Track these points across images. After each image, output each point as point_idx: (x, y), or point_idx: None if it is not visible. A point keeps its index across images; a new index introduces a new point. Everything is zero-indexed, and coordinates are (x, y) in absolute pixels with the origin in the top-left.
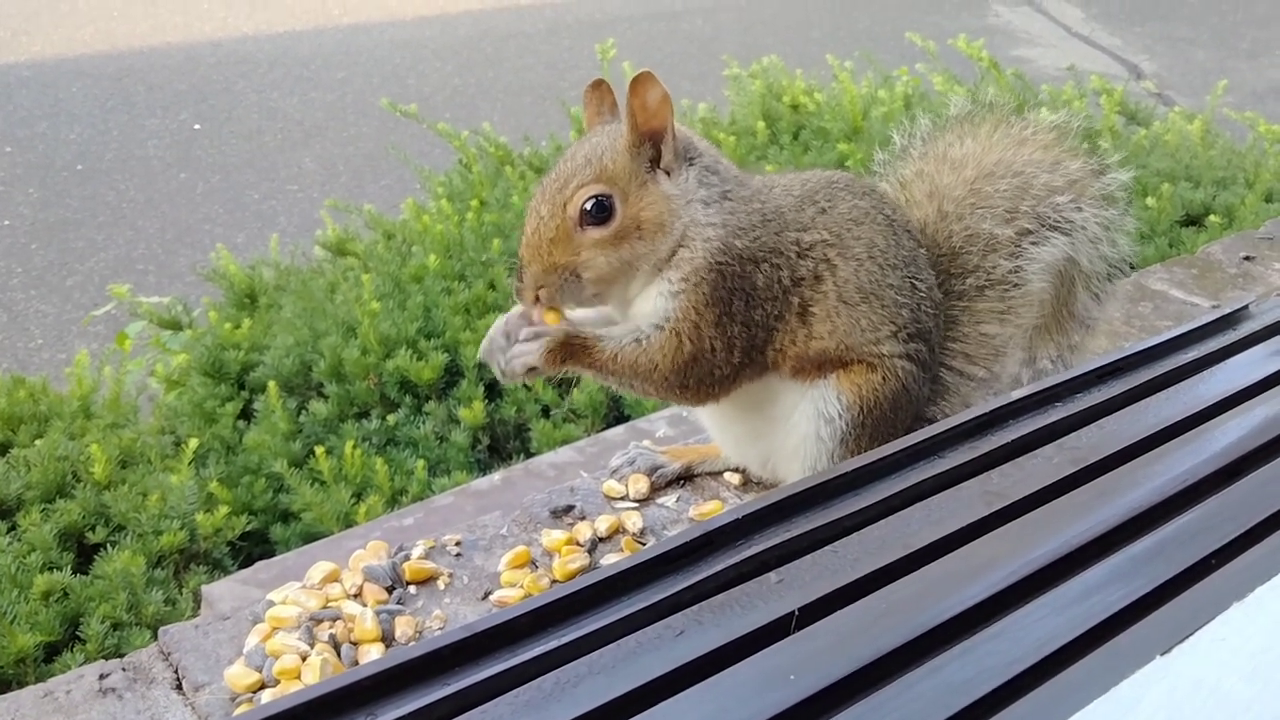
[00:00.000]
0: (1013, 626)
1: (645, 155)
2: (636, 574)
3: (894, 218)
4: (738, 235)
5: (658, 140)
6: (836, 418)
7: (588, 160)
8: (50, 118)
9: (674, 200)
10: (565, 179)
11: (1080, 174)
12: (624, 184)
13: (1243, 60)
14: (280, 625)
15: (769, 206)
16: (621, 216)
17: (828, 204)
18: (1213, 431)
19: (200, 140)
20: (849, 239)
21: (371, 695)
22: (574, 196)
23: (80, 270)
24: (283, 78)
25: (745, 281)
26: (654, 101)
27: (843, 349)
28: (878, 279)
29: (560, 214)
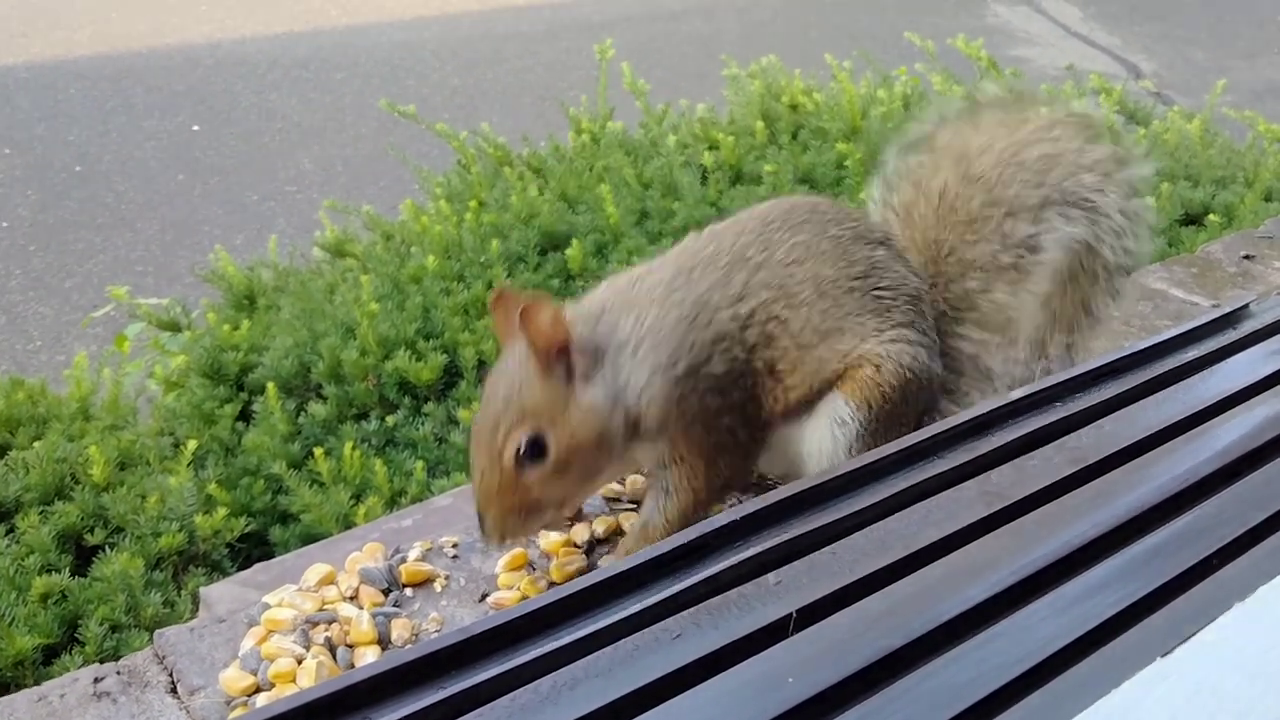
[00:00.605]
0: (1013, 628)
1: (559, 373)
2: (634, 576)
3: (840, 234)
4: (673, 365)
5: (565, 354)
6: (849, 419)
7: (507, 401)
8: (48, 120)
9: (601, 405)
10: (493, 424)
11: (1106, 159)
12: (549, 413)
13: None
14: (276, 628)
15: (688, 305)
16: (557, 445)
17: (763, 255)
18: (1213, 431)
19: (199, 142)
20: (793, 285)
21: (367, 698)
22: (505, 445)
23: (79, 272)
24: (281, 79)
25: (707, 383)
26: (547, 324)
27: (819, 384)
28: (832, 312)
29: (498, 463)
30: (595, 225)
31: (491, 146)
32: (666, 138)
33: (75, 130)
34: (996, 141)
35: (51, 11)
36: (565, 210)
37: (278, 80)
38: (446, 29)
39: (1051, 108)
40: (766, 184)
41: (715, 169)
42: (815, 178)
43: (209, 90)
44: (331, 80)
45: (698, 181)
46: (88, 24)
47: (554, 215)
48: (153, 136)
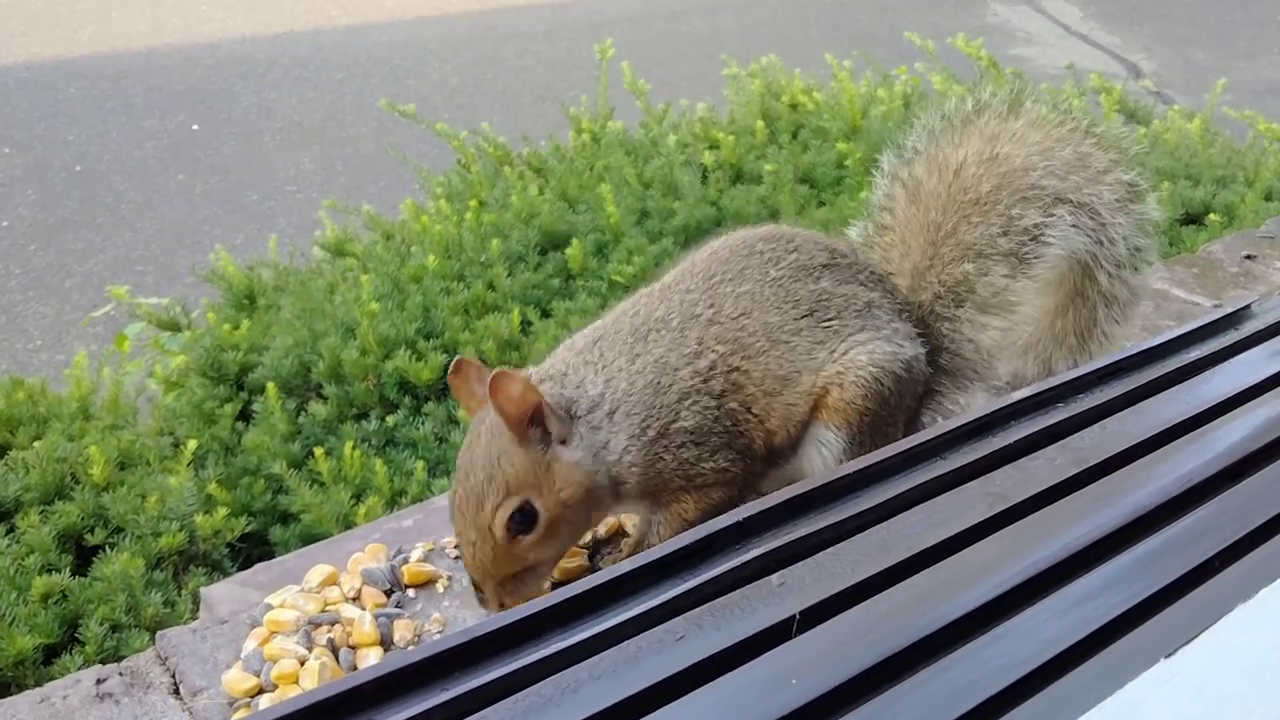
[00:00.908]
0: (1015, 630)
1: (535, 439)
2: (637, 577)
3: (779, 275)
4: (644, 431)
5: (538, 419)
6: (832, 441)
7: (489, 475)
8: (48, 119)
9: (583, 463)
10: (478, 499)
11: (1127, 186)
12: (532, 480)
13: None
14: (279, 629)
15: (649, 369)
16: (545, 511)
17: (711, 312)
18: (1216, 432)
19: (198, 141)
20: (746, 338)
21: (370, 700)
22: (495, 519)
23: (79, 271)
24: (281, 78)
25: (680, 438)
26: (517, 394)
27: (796, 425)
28: (787, 356)
29: (490, 538)
30: (596, 225)
31: (492, 146)
32: (667, 137)
33: (75, 130)
34: (1031, 133)
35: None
36: (565, 210)
37: (278, 80)
38: (447, 29)
39: (1087, 120)
40: (767, 183)
41: (716, 168)
42: (815, 177)
43: (209, 90)
44: (331, 80)
45: (698, 181)
46: (88, 24)
47: (554, 215)
48: (153, 136)
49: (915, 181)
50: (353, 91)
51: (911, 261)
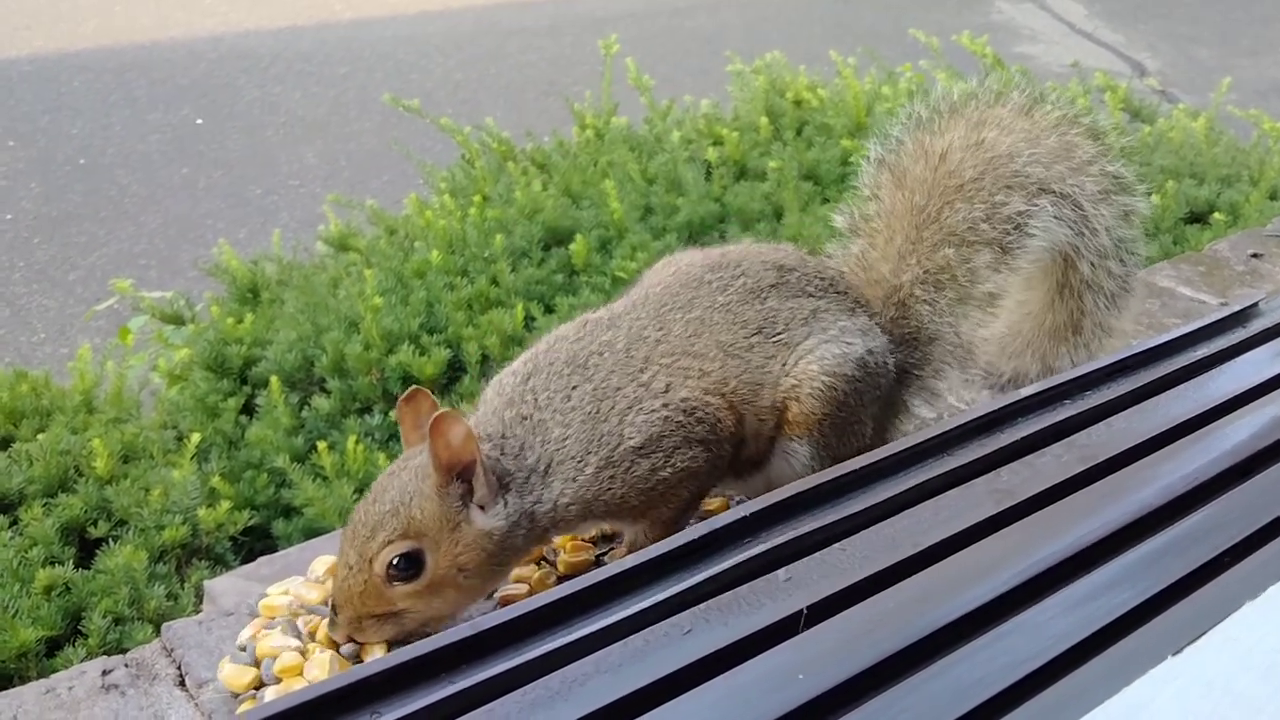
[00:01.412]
0: (1022, 626)
1: (456, 493)
2: (643, 572)
3: (727, 301)
4: (587, 461)
5: (467, 474)
6: (798, 450)
7: (394, 510)
8: (52, 113)
9: (496, 531)
10: (372, 529)
11: (1110, 177)
12: (434, 533)
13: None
14: (273, 614)
15: (589, 396)
16: (434, 567)
17: (660, 334)
18: (1223, 429)
19: (202, 135)
20: (699, 349)
21: (376, 693)
22: (379, 554)
23: (82, 265)
24: (285, 73)
25: (627, 459)
26: (457, 440)
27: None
28: (743, 369)
29: (367, 569)
30: (599, 220)
31: (495, 141)
32: (671, 133)
33: (79, 123)
34: (1018, 121)
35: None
36: (569, 205)
37: (281, 74)
38: (451, 24)
39: (1073, 110)
40: (771, 180)
41: (719, 165)
42: (819, 174)
43: (212, 84)
44: (335, 74)
45: (702, 177)
46: (91, 17)
47: (558, 210)
48: (156, 130)
49: (901, 167)
50: (356, 86)
51: (895, 245)
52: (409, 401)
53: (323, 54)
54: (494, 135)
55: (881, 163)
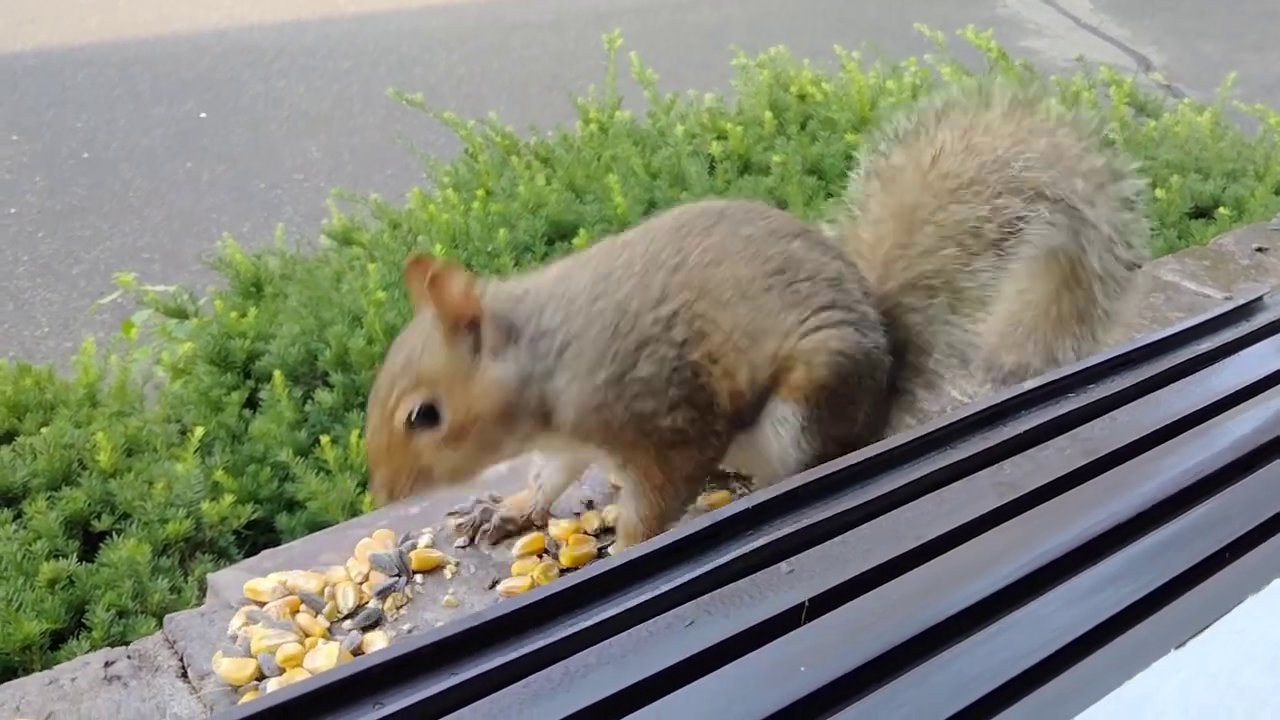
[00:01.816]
0: (1025, 619)
1: (465, 343)
2: (646, 563)
3: (751, 233)
4: (595, 371)
5: (474, 326)
6: (791, 417)
7: (406, 364)
8: (56, 106)
9: (507, 381)
10: (389, 386)
11: (1101, 170)
12: (447, 382)
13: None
14: (256, 598)
15: (609, 311)
16: (453, 415)
17: (677, 259)
18: (1227, 423)
19: (206, 129)
20: (713, 286)
21: (379, 684)
22: (397, 407)
23: (86, 259)
24: (288, 67)
25: (634, 388)
26: (457, 293)
27: (764, 379)
28: (756, 310)
29: (389, 424)
30: (603, 215)
31: (499, 135)
32: (674, 127)
33: (83, 117)
34: (1006, 125)
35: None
36: (573, 200)
37: (285, 68)
38: (454, 18)
39: (1060, 107)
40: (775, 174)
41: (723, 159)
42: (824, 168)
43: (216, 78)
44: (339, 68)
45: (705, 171)
46: (95, 11)
47: (561, 205)
48: (160, 124)
49: (892, 170)
50: (360, 80)
51: (882, 250)
52: (414, 269)
53: (326, 48)
54: (497, 129)
55: (870, 173)
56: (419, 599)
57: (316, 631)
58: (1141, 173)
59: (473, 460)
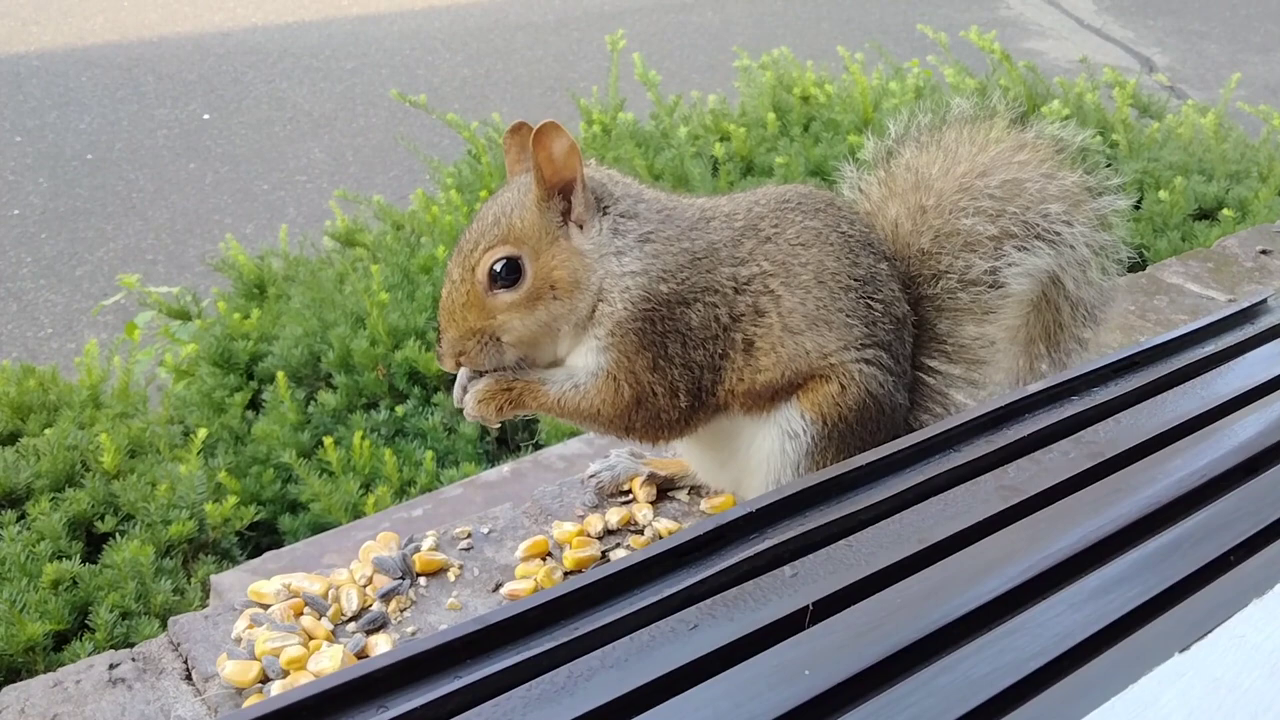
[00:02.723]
0: (1029, 622)
1: (556, 209)
2: (650, 567)
3: (851, 233)
4: (662, 280)
5: (568, 192)
6: (801, 433)
7: (496, 220)
8: (60, 108)
9: (587, 255)
10: (475, 240)
11: (1076, 189)
12: (534, 243)
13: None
14: (259, 600)
15: (700, 244)
16: (533, 277)
17: (774, 230)
18: (1231, 426)
19: (209, 130)
20: (795, 266)
21: (383, 687)
22: (481, 260)
23: (89, 260)
24: (292, 68)
25: (678, 324)
26: (560, 153)
27: (791, 374)
28: (826, 303)
29: (470, 278)
30: None
31: (502, 136)
32: (678, 129)
33: (86, 118)
34: (958, 165)
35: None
36: None
37: (289, 69)
38: (457, 19)
39: (1021, 127)
40: (778, 176)
41: (726, 160)
42: (827, 170)
43: (220, 79)
44: (342, 70)
45: (709, 173)
46: (99, 12)
47: None
48: (164, 125)
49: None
50: (364, 81)
51: None
52: (514, 133)
53: (330, 49)
54: (500, 131)
55: None
56: (422, 601)
57: (320, 634)
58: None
59: (539, 333)
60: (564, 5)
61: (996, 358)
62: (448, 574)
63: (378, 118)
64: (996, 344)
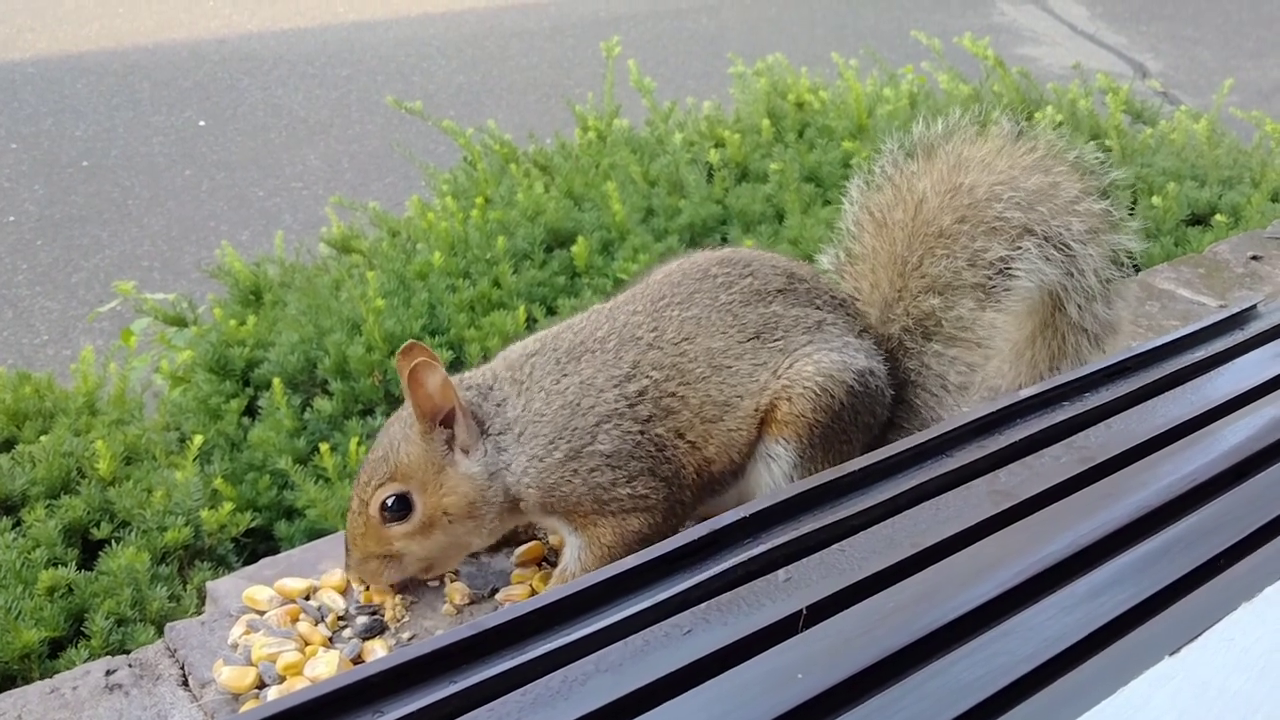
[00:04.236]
0: (1020, 626)
1: (440, 439)
2: (644, 572)
3: (730, 300)
4: (551, 451)
5: (450, 421)
6: (781, 454)
7: (384, 456)
8: (56, 114)
9: (476, 478)
10: (370, 473)
11: (1099, 217)
12: (420, 475)
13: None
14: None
15: (572, 390)
16: (423, 507)
17: (653, 335)
18: (1221, 431)
19: (205, 137)
20: (686, 364)
21: (379, 692)
22: (373, 496)
23: (85, 267)
24: (288, 75)
25: (591, 462)
26: (435, 387)
27: (740, 446)
28: (729, 382)
29: (365, 511)
30: (601, 222)
31: (498, 143)
32: (673, 135)
33: (82, 125)
34: (998, 161)
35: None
36: (571, 207)
37: (284, 76)
38: (453, 26)
39: (1059, 148)
40: (773, 182)
41: (721, 167)
42: (821, 176)
43: (216, 86)
44: (338, 76)
45: (704, 179)
46: (95, 19)
47: (560, 212)
48: (159, 132)
49: (882, 210)
50: (359, 88)
51: (880, 293)
52: (406, 354)
53: (325, 56)
54: (496, 137)
55: (863, 205)
56: (418, 607)
57: (316, 640)
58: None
59: (441, 551)
60: (559, 12)
61: (992, 344)
62: (444, 580)
63: (373, 124)
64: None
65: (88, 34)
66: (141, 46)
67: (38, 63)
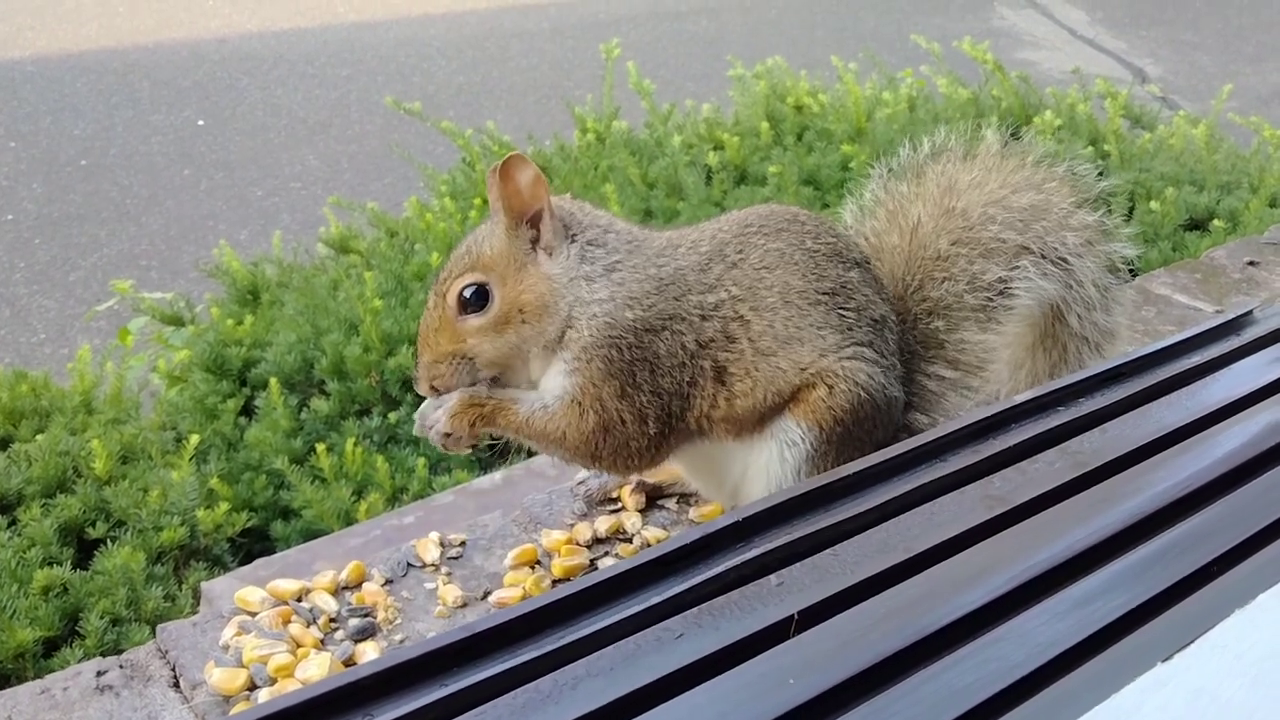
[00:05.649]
0: (1013, 632)
1: (525, 237)
2: (636, 576)
3: (816, 248)
4: (628, 306)
5: (537, 221)
6: (800, 440)
7: (467, 250)
8: (55, 113)
9: (555, 280)
10: (449, 269)
11: (1092, 227)
12: (501, 269)
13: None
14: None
15: (667, 270)
16: (500, 302)
17: (739, 255)
18: (1216, 437)
19: (204, 137)
20: (761, 289)
21: (369, 695)
22: (451, 286)
23: (83, 266)
24: (287, 75)
25: (645, 351)
26: (526, 184)
27: (772, 395)
28: (795, 321)
29: (441, 304)
30: None
31: (496, 144)
32: (671, 137)
33: (81, 124)
34: (988, 181)
35: (58, 5)
36: None
37: (283, 76)
38: (452, 26)
39: (1049, 160)
40: (771, 185)
41: (720, 169)
42: (820, 179)
43: (215, 85)
44: (337, 76)
45: (702, 181)
46: (94, 18)
47: None
48: (158, 131)
49: (877, 235)
50: (358, 88)
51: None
52: (495, 173)
53: (325, 56)
54: (495, 138)
55: (859, 232)
56: (410, 609)
57: (308, 642)
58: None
59: (509, 355)
60: (559, 14)
61: (994, 366)
62: (436, 582)
63: (372, 125)
64: (996, 351)
65: (87, 33)
66: (141, 46)
67: (37, 61)
